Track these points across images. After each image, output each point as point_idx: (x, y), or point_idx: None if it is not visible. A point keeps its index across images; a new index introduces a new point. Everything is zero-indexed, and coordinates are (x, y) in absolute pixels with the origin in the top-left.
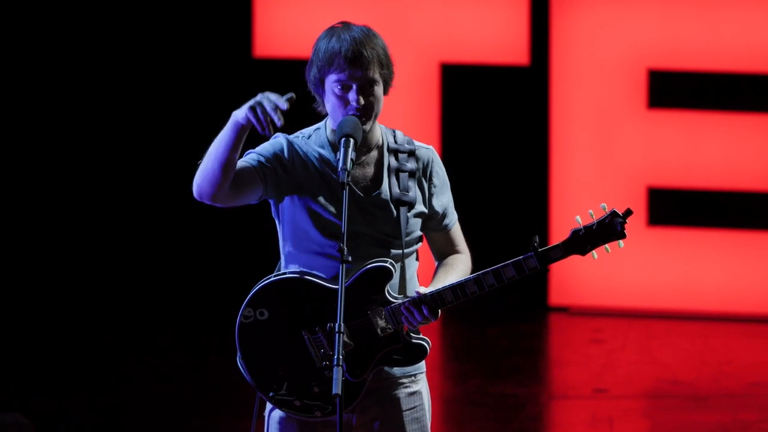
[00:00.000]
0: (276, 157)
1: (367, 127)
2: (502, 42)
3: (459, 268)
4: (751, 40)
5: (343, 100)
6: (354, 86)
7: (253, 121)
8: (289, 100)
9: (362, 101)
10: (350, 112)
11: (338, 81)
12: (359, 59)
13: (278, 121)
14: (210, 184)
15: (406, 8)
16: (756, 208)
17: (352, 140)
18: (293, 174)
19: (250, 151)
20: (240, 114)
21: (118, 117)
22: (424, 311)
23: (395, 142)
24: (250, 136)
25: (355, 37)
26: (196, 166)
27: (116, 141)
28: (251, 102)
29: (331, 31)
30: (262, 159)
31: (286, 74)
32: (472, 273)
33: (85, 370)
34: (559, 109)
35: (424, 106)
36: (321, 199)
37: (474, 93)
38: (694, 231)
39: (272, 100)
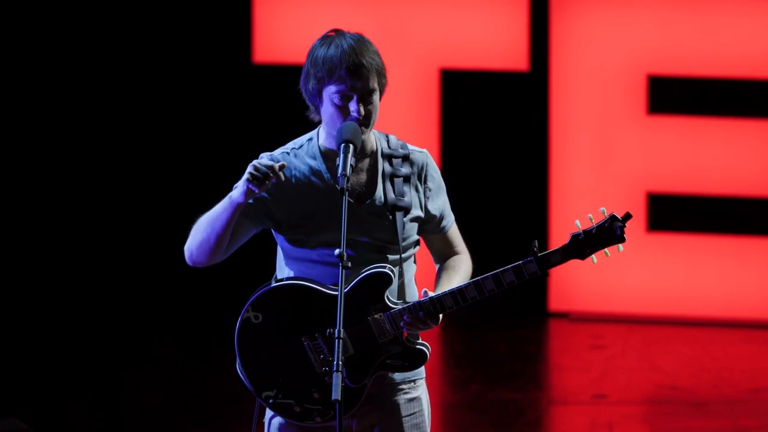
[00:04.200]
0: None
1: (365, 135)
2: (502, 48)
3: (461, 269)
4: (750, 46)
5: (342, 110)
6: (354, 96)
7: (253, 187)
8: (281, 167)
9: (362, 111)
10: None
11: (338, 92)
12: (360, 70)
13: (277, 172)
14: (206, 255)
15: (405, 14)
16: (756, 213)
17: (351, 146)
18: (282, 192)
19: (236, 185)
20: (236, 193)
21: (119, 121)
22: (423, 316)
23: (389, 147)
24: (242, 150)
25: (353, 46)
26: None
27: (116, 146)
28: (245, 176)
29: (326, 40)
30: (250, 200)
31: (286, 80)
32: (472, 277)
33: (84, 375)
34: (558, 115)
35: (424, 112)
36: (314, 210)
37: (474, 99)
38: (694, 237)
39: (262, 162)
